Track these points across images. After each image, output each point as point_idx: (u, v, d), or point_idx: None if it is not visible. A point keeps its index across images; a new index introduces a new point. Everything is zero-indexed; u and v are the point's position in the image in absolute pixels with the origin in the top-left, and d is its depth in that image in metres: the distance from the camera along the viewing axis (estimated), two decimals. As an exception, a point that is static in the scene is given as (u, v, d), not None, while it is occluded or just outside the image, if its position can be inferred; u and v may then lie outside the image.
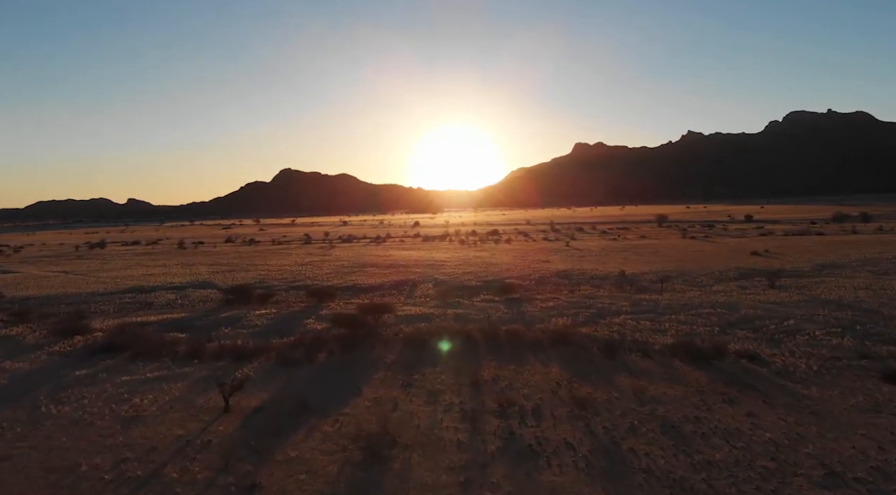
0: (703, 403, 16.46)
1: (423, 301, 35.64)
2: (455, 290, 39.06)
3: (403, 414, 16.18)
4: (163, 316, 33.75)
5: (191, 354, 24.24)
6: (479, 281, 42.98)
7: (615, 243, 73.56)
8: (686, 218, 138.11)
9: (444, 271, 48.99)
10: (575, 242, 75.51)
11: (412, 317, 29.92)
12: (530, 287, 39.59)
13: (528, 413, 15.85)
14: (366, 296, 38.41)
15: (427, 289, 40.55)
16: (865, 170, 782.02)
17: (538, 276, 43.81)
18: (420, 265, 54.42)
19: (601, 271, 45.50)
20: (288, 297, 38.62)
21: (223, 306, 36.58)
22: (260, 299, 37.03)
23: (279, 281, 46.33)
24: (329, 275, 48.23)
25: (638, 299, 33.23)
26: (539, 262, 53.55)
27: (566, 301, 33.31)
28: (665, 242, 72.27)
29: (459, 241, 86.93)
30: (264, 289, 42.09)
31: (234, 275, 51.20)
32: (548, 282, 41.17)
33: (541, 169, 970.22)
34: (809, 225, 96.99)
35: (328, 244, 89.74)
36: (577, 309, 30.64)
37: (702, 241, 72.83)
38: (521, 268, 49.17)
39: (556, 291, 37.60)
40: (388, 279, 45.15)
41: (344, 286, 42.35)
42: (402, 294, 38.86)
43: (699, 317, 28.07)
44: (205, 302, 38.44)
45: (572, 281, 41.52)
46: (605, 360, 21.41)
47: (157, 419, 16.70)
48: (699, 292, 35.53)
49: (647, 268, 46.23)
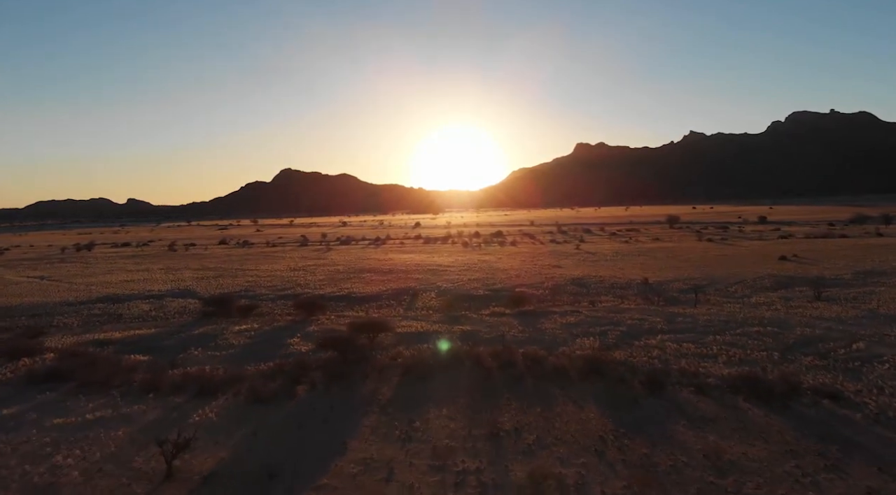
0: (801, 473, 12.35)
1: (425, 314, 31.55)
2: (460, 301, 34.96)
3: (400, 489, 12.06)
4: (130, 332, 29.67)
5: (147, 385, 20.13)
6: (486, 289, 38.88)
7: (628, 246, 69.43)
8: (695, 219, 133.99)
9: (448, 277, 44.92)
10: (585, 245, 71.39)
11: (412, 335, 25.83)
12: (544, 297, 35.48)
13: (571, 491, 11.73)
14: (361, 307, 34.33)
15: (429, 298, 36.46)
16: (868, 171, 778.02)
17: (551, 284, 39.69)
18: (421, 270, 50.34)
19: (621, 278, 41.38)
20: (274, 309, 34.52)
21: (200, 320, 32.50)
22: (242, 311, 32.94)
23: (267, 288, 42.24)
24: (322, 283, 44.14)
25: (671, 313, 29.12)
26: (550, 268, 49.42)
27: (588, 315, 29.19)
28: (681, 245, 68.14)
29: (462, 244, 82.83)
30: (249, 299, 38.00)
31: (220, 281, 47.13)
32: (563, 292, 37.05)
33: (542, 169, 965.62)
34: (828, 227, 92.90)
35: (325, 246, 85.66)
36: (604, 326, 26.53)
37: (720, 244, 68.68)
38: (531, 275, 45.07)
39: (574, 303, 33.49)
40: (386, 287, 41.06)
41: (337, 295, 38.25)
42: (401, 305, 34.77)
43: (749, 337, 23.95)
44: (181, 314, 34.36)
45: (591, 290, 37.39)
46: (651, 398, 17.32)
47: (77, 490, 12.62)
48: (738, 305, 31.39)
49: (672, 275, 42.10)
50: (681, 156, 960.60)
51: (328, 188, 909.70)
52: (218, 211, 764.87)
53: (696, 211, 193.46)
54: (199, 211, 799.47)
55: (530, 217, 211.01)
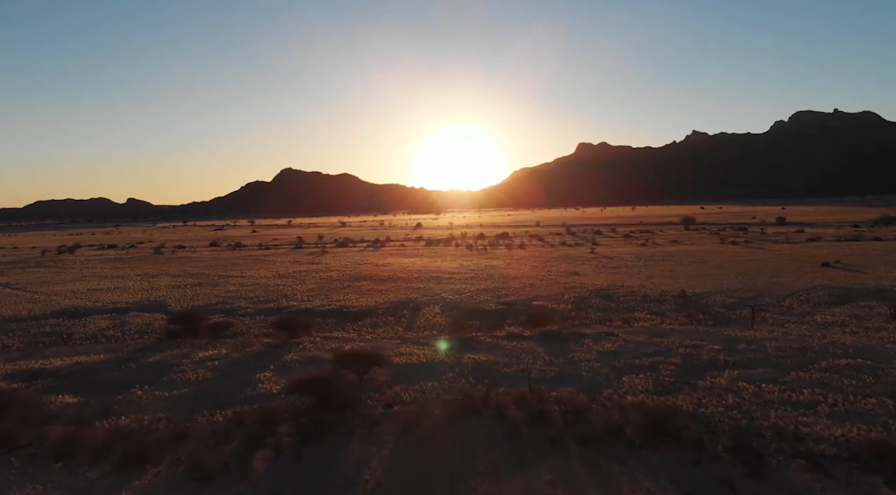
0: None
1: (429, 336, 26.47)
2: (469, 317, 29.87)
3: None
4: (74, 358, 24.62)
5: (61, 446, 15.08)
6: (497, 302, 33.80)
7: (646, 249, 64.28)
8: (708, 219, 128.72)
9: (453, 287, 39.84)
10: (600, 248, 66.25)
11: (413, 368, 20.74)
12: (568, 313, 30.37)
13: None
14: (353, 326, 29.23)
15: (433, 313, 31.39)
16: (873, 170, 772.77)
17: (573, 296, 34.57)
18: (423, 278, 45.26)
19: (651, 289, 36.26)
20: (250, 328, 29.44)
21: (162, 342, 27.44)
22: (211, 331, 27.86)
23: (248, 300, 37.17)
24: (311, 293, 39.06)
25: (727, 337, 24.00)
26: (567, 275, 44.31)
27: (627, 340, 24.08)
28: (704, 249, 62.99)
29: (467, 246, 77.74)
30: (224, 315, 32.93)
31: (198, 291, 42.07)
32: (589, 306, 31.92)
33: (544, 169, 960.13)
34: (854, 228, 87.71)
35: (320, 249, 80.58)
36: (651, 355, 21.42)
37: (747, 247, 63.51)
38: (548, 284, 39.98)
39: (605, 322, 28.39)
40: (383, 299, 35.98)
41: (327, 309, 33.14)
42: (399, 322, 29.70)
43: (841, 374, 18.82)
44: (142, 334, 29.30)
45: (621, 304, 32.26)
46: (749, 480, 12.24)
47: None
48: (804, 326, 26.25)
49: (710, 286, 36.96)
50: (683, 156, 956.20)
51: (329, 188, 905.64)
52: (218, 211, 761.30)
53: (705, 211, 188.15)
54: (199, 211, 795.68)
55: (535, 217, 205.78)
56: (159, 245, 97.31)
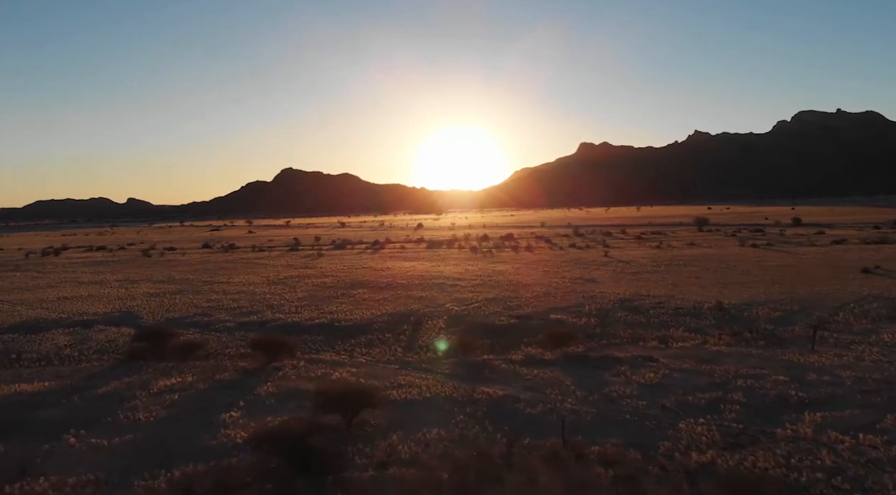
0: None
1: (432, 359, 22.61)
2: (479, 334, 26.01)
3: None
4: (14, 386, 20.78)
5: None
6: (510, 314, 29.93)
7: (663, 253, 60.36)
8: (717, 220, 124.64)
9: (459, 296, 35.98)
10: (614, 251, 62.31)
11: (413, 407, 16.88)
12: (592, 329, 26.49)
13: None
14: (344, 345, 25.36)
15: (436, 329, 27.54)
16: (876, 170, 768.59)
17: (595, 308, 30.67)
18: (425, 285, 41.41)
19: (681, 299, 32.36)
20: (225, 347, 25.56)
21: (121, 365, 23.59)
22: (180, 352, 24.00)
23: (229, 312, 33.30)
24: (301, 303, 35.20)
25: (788, 363, 20.12)
26: (583, 282, 40.42)
27: (670, 366, 20.20)
28: (725, 252, 59.06)
29: (471, 248, 73.85)
30: (198, 330, 29.06)
31: (177, 300, 38.23)
32: (615, 321, 28.03)
33: (545, 169, 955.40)
34: (876, 230, 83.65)
35: (316, 252, 76.71)
36: (706, 390, 17.54)
37: (770, 251, 59.58)
38: (563, 292, 36.11)
39: (637, 340, 24.52)
40: (381, 310, 32.12)
41: (316, 324, 29.26)
42: (398, 341, 25.83)
43: (952, 418, 14.94)
44: (101, 354, 25.44)
45: (651, 318, 28.36)
46: None
47: None
48: (874, 348, 22.35)
49: (746, 295, 33.05)
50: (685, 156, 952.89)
51: (330, 188, 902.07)
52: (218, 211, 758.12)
53: (713, 212, 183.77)
54: (199, 211, 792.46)
55: (538, 218, 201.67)
56: (149, 247, 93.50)
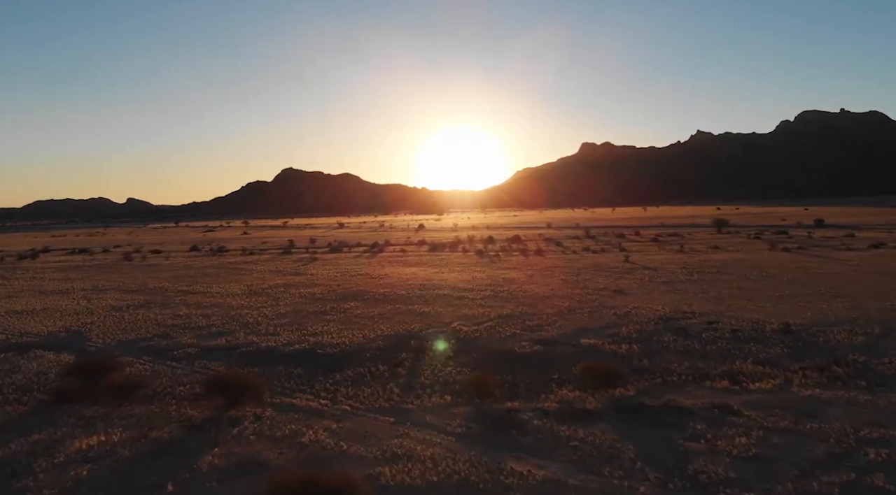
0: None
1: (439, 405, 17.35)
2: (496, 365, 20.81)
3: None
4: None
5: None
6: (532, 338, 24.66)
7: (688, 257, 55.01)
8: (732, 221, 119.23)
9: (467, 312, 30.72)
10: (634, 256, 56.89)
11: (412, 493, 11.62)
12: (638, 361, 21.19)
13: None
14: (327, 381, 20.05)
15: (443, 358, 22.26)
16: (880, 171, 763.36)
17: (634, 330, 25.37)
18: (428, 296, 36.17)
19: (733, 317, 27.06)
20: (176, 383, 20.25)
21: (41, 410, 18.36)
22: (116, 394, 18.75)
23: (195, 332, 28.03)
24: (281, 321, 29.93)
25: (924, 420, 14.84)
26: (611, 294, 35.11)
27: (761, 422, 14.92)
28: (757, 257, 53.70)
29: (476, 252, 68.58)
30: (152, 357, 23.76)
31: (141, 315, 32.98)
32: (663, 348, 22.72)
33: (547, 169, 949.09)
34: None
35: (310, 255, 71.44)
36: (830, 468, 12.23)
37: (805, 256, 54.22)
38: (591, 308, 30.83)
39: (699, 377, 19.20)
40: (375, 331, 26.85)
41: (295, 351, 23.98)
42: (395, 376, 20.53)
43: None
44: (24, 393, 20.12)
45: (704, 344, 23.03)
46: None
47: None
48: None
49: (810, 313, 27.72)
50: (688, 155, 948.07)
51: (330, 188, 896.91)
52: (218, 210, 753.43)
53: (722, 212, 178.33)
54: (199, 211, 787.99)
55: (543, 218, 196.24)
56: (135, 250, 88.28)
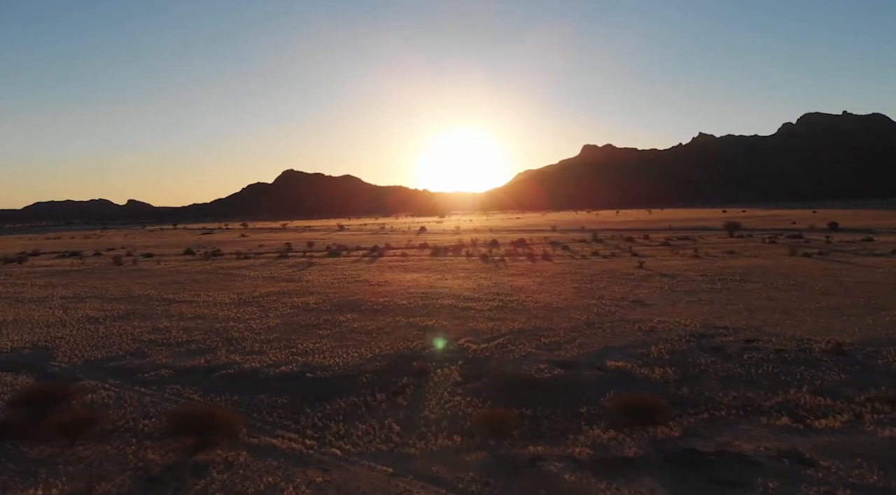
0: None
1: (446, 454, 14.48)
2: (512, 395, 18.00)
3: None
4: None
5: None
6: (551, 359, 21.81)
7: (705, 263, 52.10)
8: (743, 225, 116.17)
9: (475, 325, 27.89)
10: (648, 261, 53.93)
11: None
12: (676, 388, 18.33)
13: None
14: (314, 415, 17.19)
15: (449, 385, 19.44)
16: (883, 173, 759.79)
17: (665, 349, 22.49)
18: (431, 307, 33.33)
19: (773, 333, 24.18)
20: (141, 415, 17.39)
21: (-28, 450, 15.59)
22: (67, 430, 15.94)
23: (174, 349, 25.21)
24: (269, 336, 27.09)
25: None
26: (630, 306, 32.23)
27: (844, 478, 12.05)
28: (778, 263, 50.78)
29: (480, 256, 65.78)
30: (120, 380, 20.92)
31: (117, 328, 30.17)
32: (703, 373, 19.83)
33: (548, 171, 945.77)
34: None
35: (307, 259, 68.59)
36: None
37: (829, 262, 51.27)
38: (611, 321, 27.97)
39: (752, 411, 16.33)
40: (372, 349, 24.02)
41: (280, 374, 21.14)
42: (393, 409, 17.67)
43: None
44: (-42, 425, 17.31)
45: (748, 367, 20.14)
46: None
47: None
48: None
49: (857, 329, 24.83)
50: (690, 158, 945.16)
51: (331, 189, 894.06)
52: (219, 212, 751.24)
53: (728, 215, 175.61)
54: (199, 212, 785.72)
55: (546, 221, 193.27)
56: (126, 253, 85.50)
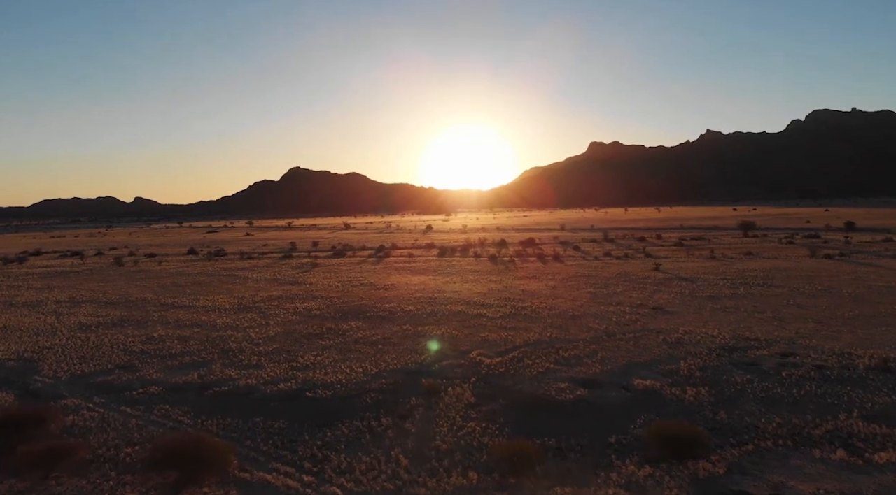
0: None
1: (460, 491, 12.80)
2: (531, 421, 16.36)
3: None
4: None
5: None
6: (572, 377, 20.13)
7: (723, 265, 50.18)
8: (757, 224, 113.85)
9: (487, 335, 26.21)
10: (664, 263, 52.03)
11: None
12: (712, 412, 16.60)
13: None
14: (312, 441, 15.55)
15: (460, 409, 17.80)
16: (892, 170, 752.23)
17: (695, 365, 20.74)
18: (440, 315, 31.67)
19: (809, 346, 22.40)
20: (124, 442, 15.79)
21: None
22: (39, 462, 14.36)
23: (166, 362, 23.67)
24: (269, 348, 25.51)
25: None
26: (652, 314, 30.45)
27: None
28: (799, 265, 48.80)
29: (489, 257, 64.09)
30: (104, 399, 19.34)
31: (109, 337, 28.68)
32: (739, 394, 18.07)
33: (555, 168, 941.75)
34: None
35: (312, 260, 67.07)
36: None
37: (852, 264, 49.25)
38: (633, 331, 26.23)
39: (800, 442, 14.59)
40: (378, 363, 22.39)
41: (278, 393, 19.53)
42: (401, 436, 16.01)
43: None
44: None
45: (789, 387, 18.38)
46: None
47: None
48: None
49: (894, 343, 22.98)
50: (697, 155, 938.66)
51: (337, 187, 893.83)
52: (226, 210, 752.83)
53: (739, 213, 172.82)
54: (206, 210, 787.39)
55: (554, 219, 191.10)
56: (128, 253, 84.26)
